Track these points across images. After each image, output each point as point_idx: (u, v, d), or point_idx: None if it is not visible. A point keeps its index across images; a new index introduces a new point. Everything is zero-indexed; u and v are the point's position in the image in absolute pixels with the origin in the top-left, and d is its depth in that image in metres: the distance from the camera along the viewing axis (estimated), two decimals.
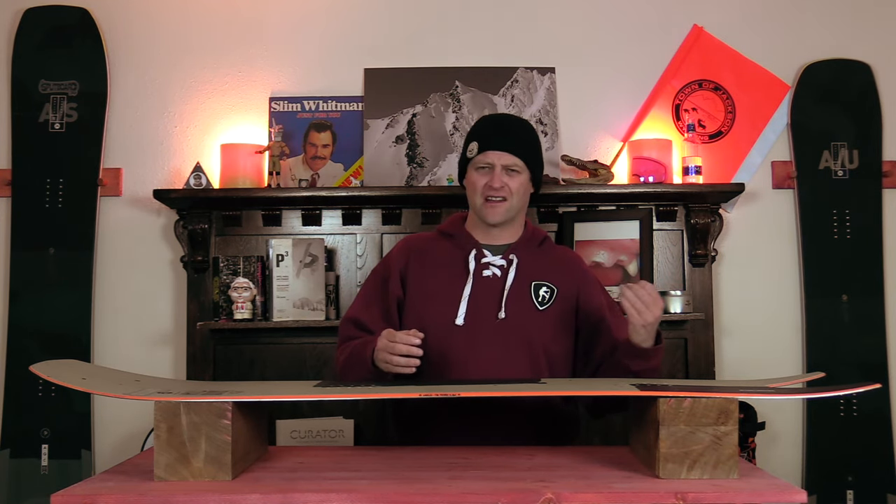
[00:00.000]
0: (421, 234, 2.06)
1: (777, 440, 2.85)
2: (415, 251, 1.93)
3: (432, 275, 1.88)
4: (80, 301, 2.81)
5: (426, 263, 1.90)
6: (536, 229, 1.97)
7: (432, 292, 1.86)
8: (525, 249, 1.91)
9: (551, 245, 1.99)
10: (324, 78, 2.91)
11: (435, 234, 1.99)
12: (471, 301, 1.83)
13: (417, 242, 1.98)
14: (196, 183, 2.70)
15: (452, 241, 1.93)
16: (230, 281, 2.68)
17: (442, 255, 1.91)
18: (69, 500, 1.26)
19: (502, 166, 1.85)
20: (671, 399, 1.34)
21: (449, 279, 1.86)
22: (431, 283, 1.87)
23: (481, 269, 1.87)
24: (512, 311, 1.83)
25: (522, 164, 1.87)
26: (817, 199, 2.90)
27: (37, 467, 2.76)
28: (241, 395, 1.39)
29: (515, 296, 1.85)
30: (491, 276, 1.86)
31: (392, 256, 1.96)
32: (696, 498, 1.25)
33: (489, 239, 1.91)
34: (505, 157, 1.86)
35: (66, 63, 2.86)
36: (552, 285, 1.87)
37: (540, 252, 1.93)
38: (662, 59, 2.94)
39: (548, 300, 1.86)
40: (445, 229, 1.97)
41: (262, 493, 1.27)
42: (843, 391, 1.46)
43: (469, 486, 1.30)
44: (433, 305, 1.84)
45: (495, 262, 1.87)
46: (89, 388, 1.48)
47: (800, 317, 2.90)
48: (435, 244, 1.95)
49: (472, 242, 1.90)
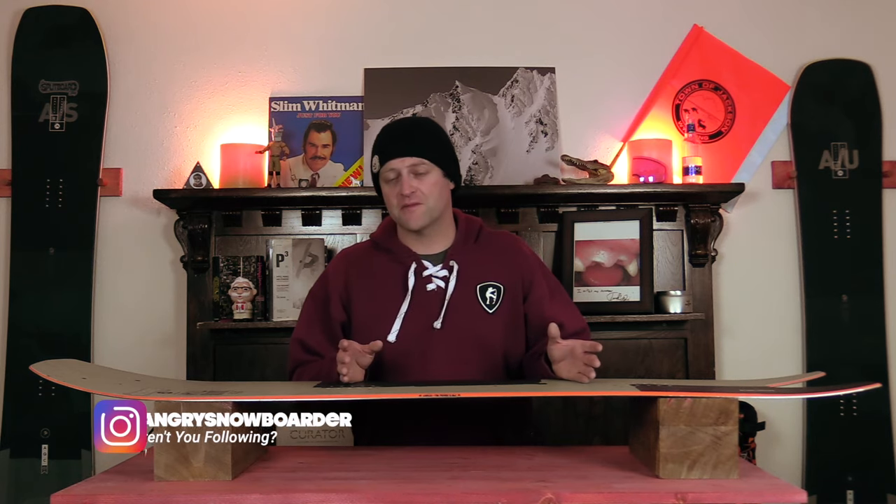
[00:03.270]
0: (357, 247, 2.00)
1: (777, 440, 2.85)
2: (354, 268, 1.88)
3: (373, 295, 1.83)
4: (80, 301, 2.81)
5: (366, 284, 1.85)
6: (469, 221, 1.91)
7: (373, 313, 1.81)
8: (463, 251, 1.86)
9: (488, 235, 1.92)
10: (324, 78, 2.91)
11: (370, 245, 1.93)
12: (410, 318, 1.78)
13: (355, 258, 1.91)
14: (196, 183, 2.70)
15: (390, 256, 1.87)
16: (230, 281, 2.68)
17: (382, 271, 1.85)
18: (69, 500, 1.25)
19: (408, 170, 1.79)
20: (671, 399, 1.33)
21: (390, 297, 1.81)
22: (373, 304, 1.82)
23: (424, 283, 1.82)
24: (459, 318, 1.79)
25: (428, 162, 1.80)
26: (817, 199, 2.90)
27: (37, 467, 2.76)
28: (241, 395, 1.39)
29: (461, 303, 1.80)
30: (436, 290, 1.81)
31: (328, 277, 1.90)
32: (696, 498, 1.25)
33: (425, 248, 1.86)
34: (407, 161, 1.79)
35: (66, 63, 2.86)
36: (498, 283, 1.83)
37: (478, 248, 1.88)
38: (662, 59, 2.94)
39: (496, 301, 1.82)
40: (381, 242, 1.90)
41: (262, 493, 1.27)
42: (843, 391, 1.46)
43: (469, 486, 1.30)
44: (374, 326, 1.79)
45: (437, 273, 1.82)
46: (89, 387, 1.48)
47: (800, 317, 2.91)
48: (373, 259, 1.88)
49: (411, 256, 1.84)
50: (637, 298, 2.70)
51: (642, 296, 2.70)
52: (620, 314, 2.70)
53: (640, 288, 2.71)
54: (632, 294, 2.71)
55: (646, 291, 2.70)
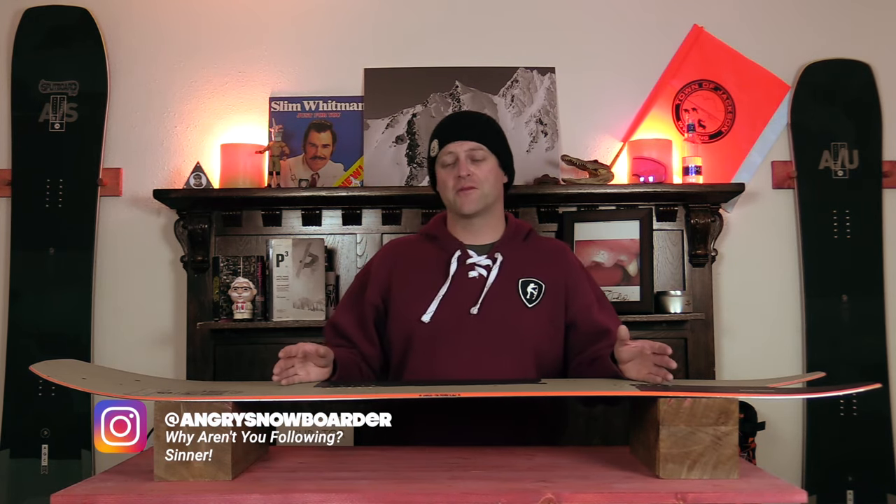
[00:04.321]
0: (404, 238, 2.04)
1: (777, 440, 2.85)
2: (399, 256, 1.91)
3: (414, 278, 1.86)
4: (80, 301, 2.81)
5: (408, 268, 1.88)
6: (520, 223, 1.94)
7: (412, 295, 1.84)
8: (510, 246, 1.88)
9: (537, 238, 1.96)
10: (324, 78, 2.91)
11: (419, 237, 1.97)
12: (447, 301, 1.80)
13: (401, 247, 1.96)
14: (196, 183, 2.70)
15: (436, 244, 1.90)
16: (230, 281, 2.68)
17: (425, 257, 1.89)
18: (69, 500, 1.25)
19: (465, 154, 1.83)
20: (671, 399, 1.33)
21: (430, 281, 1.84)
22: (412, 286, 1.85)
23: (466, 270, 1.84)
24: (496, 308, 1.81)
25: (486, 149, 1.85)
26: (817, 199, 2.90)
27: (37, 467, 2.75)
28: (241, 395, 1.39)
29: (501, 294, 1.82)
30: (477, 277, 1.84)
31: (374, 263, 1.94)
32: (696, 498, 1.25)
33: (472, 238, 1.89)
34: (466, 145, 1.84)
35: (66, 63, 2.86)
36: (540, 281, 1.85)
37: (526, 247, 1.90)
38: (662, 59, 2.94)
39: (536, 297, 1.83)
40: (429, 231, 1.94)
41: (263, 493, 1.27)
42: (843, 391, 1.46)
43: (469, 486, 1.30)
44: (409, 306, 1.82)
45: (480, 262, 1.85)
46: (89, 388, 1.48)
47: (800, 317, 2.90)
48: (418, 247, 1.92)
49: (456, 244, 1.87)
50: (637, 298, 2.70)
51: (642, 296, 2.70)
52: (620, 314, 2.63)
53: (640, 288, 2.71)
54: (632, 294, 2.70)
55: (646, 291, 2.70)
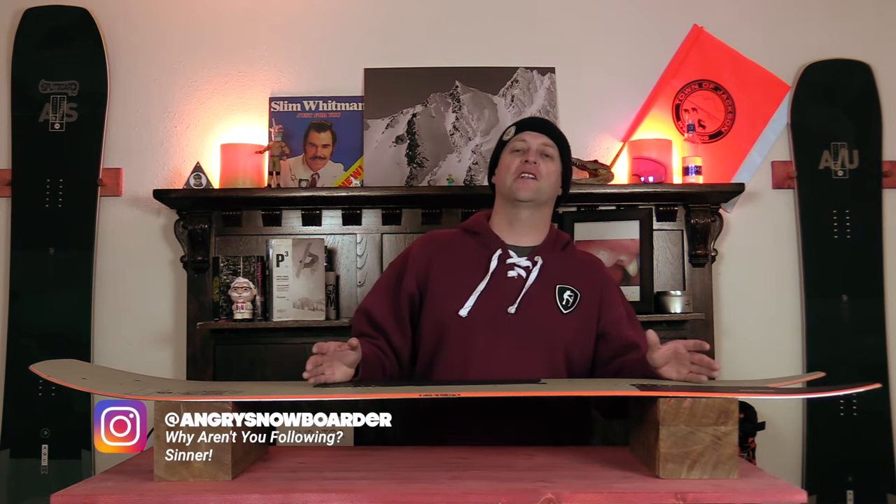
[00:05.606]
0: (443, 232, 2.03)
1: (777, 440, 2.85)
2: (439, 248, 1.92)
3: (454, 271, 1.86)
4: (80, 301, 2.81)
5: (448, 260, 1.88)
6: (560, 233, 1.96)
7: (450, 288, 1.84)
8: (550, 252, 1.90)
9: (574, 249, 1.99)
10: (324, 78, 2.91)
11: (458, 232, 1.97)
12: (485, 297, 1.81)
13: (441, 239, 1.96)
14: (196, 183, 2.70)
15: (477, 240, 1.91)
16: (230, 281, 2.68)
17: (466, 252, 1.89)
18: (69, 500, 1.25)
19: (538, 146, 1.88)
20: (671, 399, 1.34)
21: (470, 276, 1.85)
22: (451, 279, 1.85)
23: (506, 269, 1.85)
24: (532, 310, 1.82)
25: (556, 149, 1.91)
26: (817, 199, 2.90)
27: (37, 467, 2.75)
28: (240, 395, 1.39)
29: (538, 297, 1.83)
30: (516, 277, 1.85)
31: (412, 252, 1.93)
32: (696, 498, 1.25)
33: (514, 239, 1.90)
34: (541, 138, 1.90)
35: (66, 63, 2.86)
36: (576, 289, 1.86)
37: (564, 256, 1.92)
38: (662, 59, 2.94)
39: (571, 304, 1.85)
40: (470, 227, 1.95)
41: (262, 493, 1.27)
42: (843, 391, 1.46)
43: (469, 486, 1.30)
44: (446, 298, 1.83)
45: (520, 262, 1.86)
46: (89, 388, 1.48)
47: (800, 317, 2.90)
48: (459, 241, 1.93)
49: (498, 242, 1.89)
50: (637, 298, 2.70)
51: (642, 296, 2.70)
52: None
53: (640, 288, 2.71)
54: (632, 294, 2.70)
55: (646, 291, 2.70)
